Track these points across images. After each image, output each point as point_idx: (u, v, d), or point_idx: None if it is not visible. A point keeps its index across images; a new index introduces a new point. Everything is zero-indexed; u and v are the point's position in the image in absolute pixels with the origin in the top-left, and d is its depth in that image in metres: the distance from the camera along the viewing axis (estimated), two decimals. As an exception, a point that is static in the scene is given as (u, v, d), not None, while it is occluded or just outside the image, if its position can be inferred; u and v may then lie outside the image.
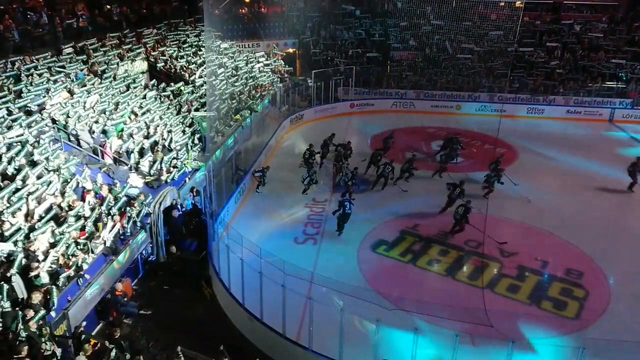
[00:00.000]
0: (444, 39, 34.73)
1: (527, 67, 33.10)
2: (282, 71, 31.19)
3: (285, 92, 29.01)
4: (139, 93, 20.97)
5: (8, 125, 14.55)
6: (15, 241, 11.18)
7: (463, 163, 23.41)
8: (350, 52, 34.51)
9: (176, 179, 17.14)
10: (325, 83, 30.24)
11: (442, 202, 18.60)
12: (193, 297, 14.18)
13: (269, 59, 31.29)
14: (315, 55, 34.65)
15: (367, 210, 18.53)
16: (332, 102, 31.06)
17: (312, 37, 36.01)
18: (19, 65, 17.73)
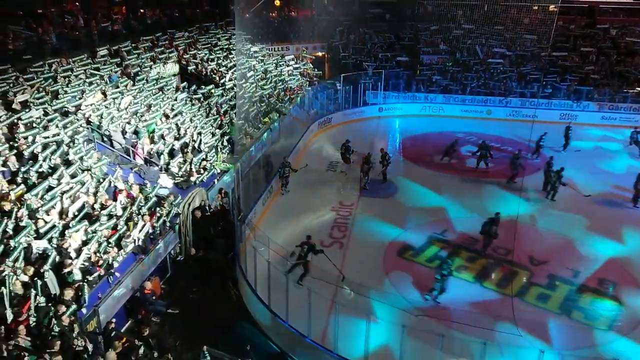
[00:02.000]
0: (475, 43, 34.37)
1: (560, 72, 32.44)
2: (311, 75, 31.31)
3: (313, 95, 29.10)
4: (171, 95, 21.33)
5: (44, 125, 14.95)
6: (50, 238, 11.47)
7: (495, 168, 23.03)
8: (379, 56, 34.43)
9: (205, 180, 17.36)
10: (354, 87, 30.21)
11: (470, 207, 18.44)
12: (220, 297, 14.29)
13: (298, 62, 31.46)
14: (345, 59, 34.67)
15: (395, 215, 18.41)
16: (361, 105, 30.98)
17: (342, 41, 36.06)
18: (55, 67, 18.23)
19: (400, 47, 35.67)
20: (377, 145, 25.08)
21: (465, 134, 27.81)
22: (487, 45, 34.43)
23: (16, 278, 10.13)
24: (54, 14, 21.37)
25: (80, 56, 19.61)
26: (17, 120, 14.35)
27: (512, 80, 32.30)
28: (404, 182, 21.34)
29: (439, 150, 24.38)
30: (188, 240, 15.69)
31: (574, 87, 31.19)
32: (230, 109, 22.63)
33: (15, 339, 8.96)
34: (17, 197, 11.96)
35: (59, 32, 20.14)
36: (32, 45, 18.70)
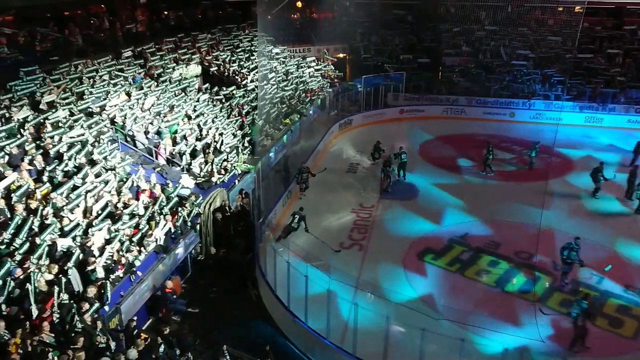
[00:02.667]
0: (499, 45, 33.97)
1: (585, 74, 31.85)
2: (332, 76, 31.31)
3: (334, 96, 29.09)
4: (193, 96, 21.52)
5: (70, 125, 15.21)
6: (74, 237, 11.66)
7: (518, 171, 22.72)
8: (401, 58, 34.25)
9: (226, 180, 17.48)
10: (375, 88, 30.11)
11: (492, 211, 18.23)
12: (239, 297, 14.36)
13: (319, 63, 31.48)
14: (366, 61, 34.58)
15: (416, 217, 18.29)
16: (382, 107, 30.87)
17: (363, 43, 35.98)
18: (81, 69, 18.54)
19: (422, 48, 35.43)
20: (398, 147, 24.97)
21: (487, 136, 27.48)
22: (511, 47, 33.97)
23: (41, 275, 10.31)
24: (80, 16, 21.74)
25: (105, 57, 19.91)
26: (43, 120, 14.63)
27: (536, 83, 31.83)
28: (425, 185, 21.19)
29: (461, 153, 24.18)
30: (208, 240, 15.84)
31: (600, 90, 30.60)
32: (251, 110, 22.75)
33: (39, 334, 9.12)
34: (43, 196, 12.19)
35: (85, 34, 20.46)
36: (58, 47, 19.04)
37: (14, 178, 11.97)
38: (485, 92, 31.88)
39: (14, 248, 10.51)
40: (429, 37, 36.15)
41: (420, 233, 17.41)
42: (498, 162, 23.73)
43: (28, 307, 9.61)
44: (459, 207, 19.24)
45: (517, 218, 18.21)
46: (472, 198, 19.94)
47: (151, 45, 22.78)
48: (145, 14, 25.25)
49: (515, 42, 34.07)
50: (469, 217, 18.49)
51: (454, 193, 20.34)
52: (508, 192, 20.52)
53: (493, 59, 33.74)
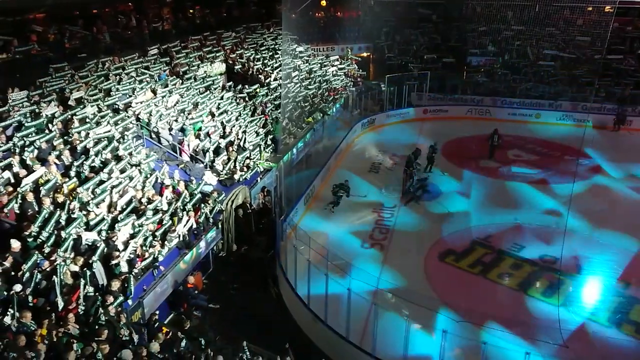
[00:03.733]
0: (525, 45, 33.46)
1: (615, 75, 31.17)
2: (355, 75, 31.24)
3: (357, 96, 29.02)
4: (217, 94, 21.70)
5: (97, 122, 15.49)
6: (99, 231, 11.86)
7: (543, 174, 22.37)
8: (425, 57, 34.00)
9: (248, 178, 17.59)
10: (399, 88, 29.94)
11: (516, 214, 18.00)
12: (260, 294, 14.45)
13: (343, 62, 31.44)
14: (390, 60, 34.42)
15: (438, 218, 18.15)
16: (405, 107, 30.67)
17: (387, 42, 35.83)
18: (108, 66, 18.86)
19: (446, 48, 35.13)
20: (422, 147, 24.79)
21: (513, 137, 27.14)
22: (538, 47, 33.47)
23: (67, 268, 10.52)
24: (108, 15, 22.09)
25: (132, 55, 20.20)
26: (71, 116, 14.92)
27: (563, 84, 31.26)
28: (448, 185, 20.99)
29: (485, 154, 23.91)
30: (230, 237, 15.96)
31: (630, 92, 29.92)
32: (274, 109, 22.85)
33: (65, 326, 9.29)
34: (69, 190, 12.43)
35: (112, 31, 20.78)
36: (87, 44, 19.38)
37: (42, 172, 12.23)
38: (511, 92, 31.45)
39: (42, 241, 10.74)
40: (454, 37, 35.82)
41: (442, 234, 17.26)
42: (523, 164, 23.44)
43: (54, 299, 9.80)
44: (482, 209, 19.01)
45: (541, 221, 17.94)
46: (496, 200, 19.69)
47: (177, 43, 23.04)
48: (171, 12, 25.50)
49: (543, 42, 33.51)
50: (492, 219, 18.26)
51: (477, 194, 20.12)
52: (533, 194, 20.19)
53: (519, 59, 33.27)
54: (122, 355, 8.88)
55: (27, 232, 10.67)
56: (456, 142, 26.32)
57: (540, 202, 19.46)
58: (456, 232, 17.45)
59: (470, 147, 25.14)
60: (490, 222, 17.99)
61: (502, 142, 23.99)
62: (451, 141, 26.19)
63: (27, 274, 9.88)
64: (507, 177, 21.97)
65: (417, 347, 11.08)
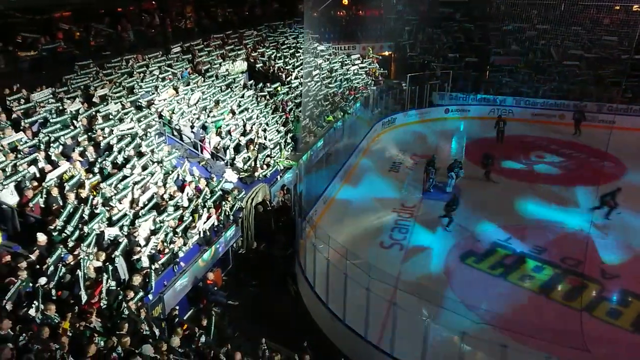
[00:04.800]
0: (550, 44, 32.90)
1: (643, 75, 30.45)
2: (376, 74, 31.11)
3: (378, 95, 28.89)
4: (238, 92, 21.81)
5: (120, 118, 15.70)
6: (121, 226, 12.03)
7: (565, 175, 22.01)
8: (447, 56, 33.69)
9: (268, 176, 17.64)
10: (420, 87, 29.73)
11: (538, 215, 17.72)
12: (278, 292, 14.50)
13: (364, 61, 31.34)
14: (412, 59, 34.18)
15: (457, 219, 17.98)
16: (427, 106, 30.45)
17: (409, 41, 35.59)
18: (132, 63, 19.11)
19: (469, 47, 34.74)
20: (442, 147, 24.64)
21: (535, 138, 26.78)
22: (563, 47, 32.87)
23: (90, 262, 10.69)
24: (132, 13, 22.38)
25: (155, 53, 20.43)
26: (95, 112, 15.15)
27: (588, 84, 30.69)
28: (469, 186, 20.78)
29: (507, 155, 23.62)
30: (250, 234, 16.04)
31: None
32: (295, 107, 22.89)
33: (87, 319, 9.45)
34: (93, 186, 12.62)
35: (136, 29, 21.04)
36: (111, 42, 19.67)
37: (67, 168, 12.45)
38: (534, 92, 31.01)
39: (66, 235, 10.94)
40: (477, 36, 35.40)
41: (463, 235, 17.11)
42: (546, 165, 23.11)
43: (77, 293, 9.98)
44: (503, 210, 18.79)
45: (564, 223, 17.66)
46: (518, 201, 19.43)
47: (199, 42, 23.23)
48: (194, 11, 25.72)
49: (568, 41, 32.91)
50: (513, 220, 18.04)
51: (498, 195, 19.89)
52: (556, 196, 19.88)
53: (543, 59, 32.74)
54: (143, 350, 8.99)
55: (52, 227, 10.87)
56: (478, 142, 26.04)
57: (564, 204, 19.14)
58: (477, 233, 17.28)
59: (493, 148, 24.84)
60: (512, 224, 17.78)
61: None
62: (473, 141, 25.93)
63: (51, 267, 10.09)
64: (529, 178, 21.66)
65: (435, 348, 10.99)
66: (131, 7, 22.88)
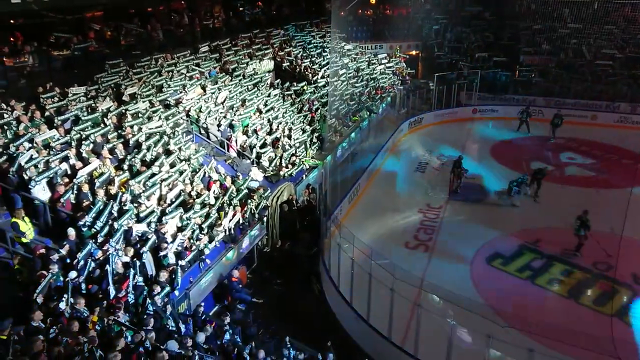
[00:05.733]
0: (582, 43, 32.18)
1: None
2: (403, 73, 30.91)
3: (405, 94, 28.69)
4: (265, 91, 21.93)
5: (149, 116, 15.93)
6: (149, 222, 12.21)
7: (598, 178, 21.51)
8: (476, 56, 33.25)
9: (294, 175, 17.69)
10: (448, 87, 29.43)
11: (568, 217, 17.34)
12: (302, 291, 14.53)
13: (391, 60, 31.16)
14: (439, 58, 33.86)
15: (485, 221, 17.75)
16: (454, 106, 30.11)
17: (437, 40, 35.27)
18: (161, 62, 19.37)
19: (498, 46, 34.21)
20: (470, 148, 24.35)
21: (566, 139, 26.20)
22: (595, 46, 32.13)
23: (118, 257, 10.87)
24: (161, 13, 22.69)
25: (184, 52, 20.68)
26: (124, 111, 15.41)
27: (622, 84, 29.91)
28: (496, 187, 20.43)
29: (536, 156, 23.19)
30: (275, 233, 16.11)
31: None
32: (321, 106, 22.90)
33: (115, 314, 9.61)
34: (122, 183, 12.84)
35: (166, 29, 21.33)
36: (141, 41, 19.98)
37: (97, 165, 12.69)
38: (565, 93, 30.34)
39: (96, 231, 11.15)
40: (507, 35, 34.83)
41: (490, 237, 16.85)
42: (577, 167, 22.62)
43: (106, 287, 10.16)
44: (531, 212, 18.45)
45: (595, 226, 17.15)
46: (547, 203, 19.05)
47: (227, 41, 23.41)
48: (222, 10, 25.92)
49: (601, 40, 32.14)
50: (542, 222, 17.69)
51: (527, 197, 19.50)
52: (586, 199, 19.41)
53: (575, 59, 32.04)
54: (169, 345, 9.11)
55: (82, 222, 11.10)
56: (506, 143, 25.65)
57: (595, 206, 18.66)
58: (504, 235, 17.02)
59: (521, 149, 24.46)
60: (541, 226, 17.45)
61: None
62: (501, 142, 25.54)
63: (81, 262, 10.29)
64: (559, 180, 21.22)
65: (460, 351, 10.86)
66: (161, 7, 23.17)
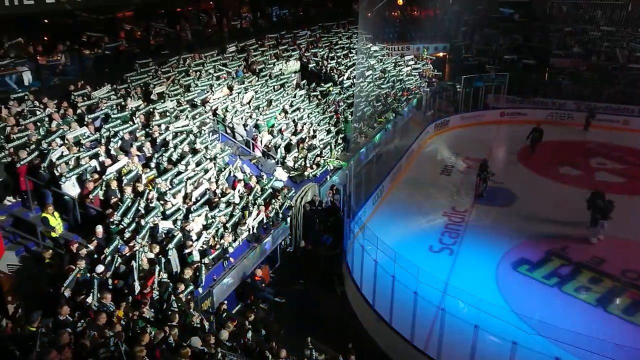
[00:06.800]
0: (615, 46, 31.44)
1: None
2: (430, 75, 30.66)
3: (431, 96, 28.46)
4: (291, 92, 22.00)
5: (176, 115, 16.13)
6: (175, 220, 12.36)
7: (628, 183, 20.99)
8: (504, 58, 32.76)
9: (318, 175, 17.70)
10: (475, 89, 29.07)
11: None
12: (325, 291, 14.51)
13: (418, 62, 30.95)
14: (467, 60, 33.48)
15: (512, 225, 17.47)
16: (481, 109, 29.74)
17: (465, 42, 34.89)
18: (189, 62, 19.60)
19: (528, 49, 33.64)
20: (497, 151, 24.02)
21: (596, 144, 25.63)
22: (629, 49, 31.36)
23: (144, 254, 11.03)
24: (190, 13, 22.97)
25: (211, 52, 20.88)
26: (152, 109, 15.64)
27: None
28: (524, 192, 20.11)
29: (565, 161, 22.75)
30: (298, 233, 16.14)
31: None
32: (346, 107, 22.86)
33: (140, 309, 9.76)
34: (149, 180, 13.03)
35: (194, 29, 21.57)
36: (170, 41, 20.25)
37: (125, 162, 12.90)
38: (596, 96, 29.65)
39: (123, 227, 11.33)
40: (537, 37, 34.24)
41: (516, 242, 16.58)
42: (607, 172, 22.11)
43: (132, 283, 10.32)
44: (559, 218, 18.06)
45: (626, 233, 16.81)
46: (575, 209, 18.59)
47: (254, 41, 23.56)
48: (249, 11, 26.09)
49: (635, 43, 31.35)
50: (570, 229, 17.33)
51: (554, 202, 19.12)
52: (616, 205, 18.92)
53: (607, 62, 31.32)
54: (192, 342, 9.19)
55: (110, 219, 11.29)
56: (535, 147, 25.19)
57: (626, 213, 18.22)
58: (531, 240, 16.71)
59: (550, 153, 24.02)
60: (569, 233, 17.10)
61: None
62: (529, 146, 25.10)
63: (108, 257, 10.48)
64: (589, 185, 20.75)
65: (483, 356, 10.70)
66: (190, 8, 23.46)
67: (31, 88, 14.57)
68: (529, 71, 31.70)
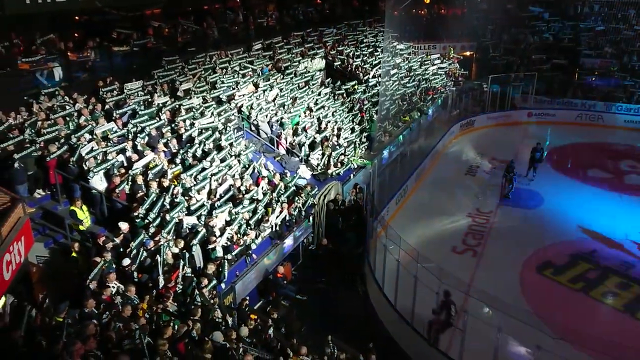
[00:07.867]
0: (648, 47, 30.62)
1: None
2: (456, 74, 30.30)
3: (457, 96, 28.12)
4: (315, 90, 22.00)
5: (202, 112, 16.29)
6: (199, 215, 12.48)
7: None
8: (533, 58, 32.17)
9: (341, 174, 17.68)
10: (502, 89, 28.63)
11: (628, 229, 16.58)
12: (346, 290, 14.49)
13: (444, 61, 30.62)
14: (494, 60, 32.97)
15: (537, 228, 17.18)
16: (508, 109, 29.29)
17: (492, 41, 34.34)
18: (215, 59, 19.76)
19: (558, 48, 32.96)
20: (523, 152, 23.59)
21: (626, 147, 25.01)
22: (663, 49, 30.52)
23: (169, 248, 11.18)
24: (217, 10, 23.16)
25: (237, 49, 21.02)
26: (179, 106, 15.82)
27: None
28: (551, 194, 19.76)
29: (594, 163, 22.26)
30: (321, 231, 16.14)
31: None
32: (371, 106, 22.77)
33: (164, 303, 9.89)
34: (174, 176, 13.19)
35: (221, 27, 21.74)
36: (197, 39, 20.45)
37: (152, 158, 13.08)
38: (628, 98, 28.92)
39: (148, 222, 11.50)
40: (567, 37, 33.51)
41: (541, 245, 16.31)
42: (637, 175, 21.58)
43: (156, 277, 10.46)
44: (587, 221, 17.70)
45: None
46: (604, 213, 18.24)
47: (280, 39, 23.63)
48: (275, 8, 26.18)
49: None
50: (598, 232, 16.97)
51: (582, 205, 18.75)
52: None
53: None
54: (214, 337, 9.28)
55: (136, 214, 11.47)
56: (563, 149, 24.73)
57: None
58: (557, 243, 16.43)
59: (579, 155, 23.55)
60: (597, 237, 16.74)
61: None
62: (557, 148, 24.64)
63: (134, 251, 10.65)
64: (619, 188, 20.31)
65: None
66: (217, 5, 23.65)
67: (62, 84, 14.88)
68: (558, 71, 31.08)
